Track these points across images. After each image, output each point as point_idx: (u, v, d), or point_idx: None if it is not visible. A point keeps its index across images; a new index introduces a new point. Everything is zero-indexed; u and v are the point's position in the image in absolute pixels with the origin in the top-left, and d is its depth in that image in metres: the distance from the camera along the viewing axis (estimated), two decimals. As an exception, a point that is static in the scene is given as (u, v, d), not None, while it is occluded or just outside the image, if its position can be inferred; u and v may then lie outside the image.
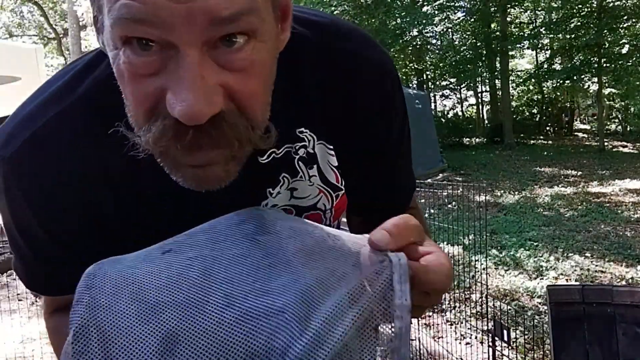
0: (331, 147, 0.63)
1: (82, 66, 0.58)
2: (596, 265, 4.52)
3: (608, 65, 14.27)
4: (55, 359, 0.73)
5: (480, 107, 22.66)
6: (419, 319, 3.32)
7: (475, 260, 4.43)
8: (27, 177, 0.55)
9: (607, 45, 13.99)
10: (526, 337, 3.08)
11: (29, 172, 0.55)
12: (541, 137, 18.38)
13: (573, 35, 14.97)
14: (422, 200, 4.70)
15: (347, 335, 0.40)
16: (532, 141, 17.12)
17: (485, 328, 3.01)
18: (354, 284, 0.43)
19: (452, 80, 20.45)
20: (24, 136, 0.55)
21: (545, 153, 13.64)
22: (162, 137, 0.45)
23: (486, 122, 20.98)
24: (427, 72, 20.71)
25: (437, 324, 3.44)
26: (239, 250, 0.46)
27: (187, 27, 0.41)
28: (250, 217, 0.50)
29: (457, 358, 2.90)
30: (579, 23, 14.30)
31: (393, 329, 0.42)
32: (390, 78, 0.63)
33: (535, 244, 5.19)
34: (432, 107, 18.49)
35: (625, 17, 13.58)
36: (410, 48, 17.18)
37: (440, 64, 19.40)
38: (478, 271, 4.13)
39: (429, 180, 7.66)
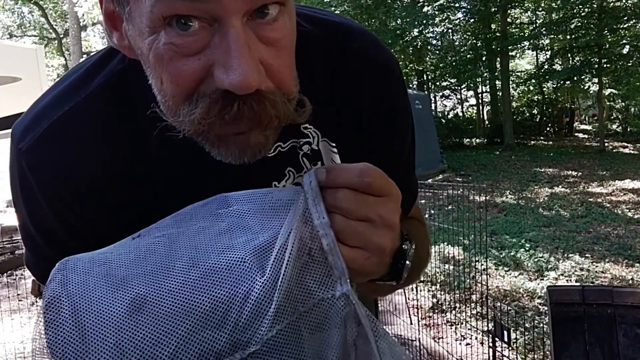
0: (334, 144, 0.64)
1: (95, 61, 0.60)
2: (596, 266, 4.52)
3: (608, 65, 14.26)
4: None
5: (481, 107, 22.66)
6: (419, 319, 3.32)
7: (476, 261, 4.43)
8: (43, 169, 0.57)
9: (607, 45, 13.97)
10: (526, 337, 3.08)
11: (45, 164, 0.56)
12: (541, 138, 18.37)
13: (573, 36, 14.97)
14: (422, 201, 4.70)
15: (290, 268, 0.43)
16: (532, 142, 17.12)
17: (485, 329, 3.01)
18: (284, 219, 0.46)
19: (453, 80, 20.44)
20: (39, 129, 0.56)
21: (546, 154, 13.64)
22: (209, 113, 0.46)
23: (486, 122, 20.98)
24: (428, 73, 20.70)
25: (438, 325, 3.44)
26: (202, 224, 0.48)
27: None
28: (214, 199, 0.52)
29: (457, 359, 2.90)
30: (579, 23, 14.29)
31: (323, 248, 0.45)
32: (396, 79, 0.64)
33: (535, 244, 5.19)
34: (433, 107, 18.50)
35: (626, 18, 13.56)
36: (410, 48, 17.17)
37: (441, 65, 19.39)
38: (478, 272, 4.13)
39: (429, 180, 7.67)
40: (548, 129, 19.77)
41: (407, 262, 0.55)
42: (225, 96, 0.45)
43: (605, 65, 14.11)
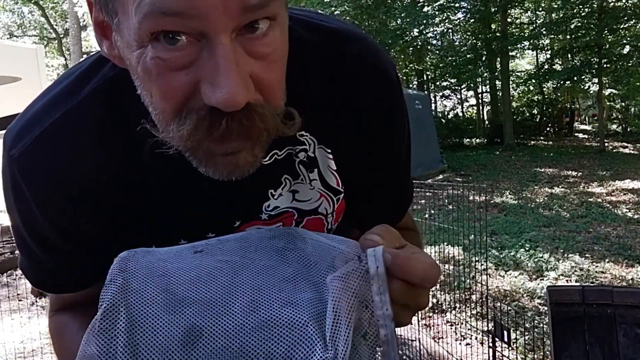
0: (330, 151, 0.63)
1: (88, 66, 0.59)
2: (596, 266, 4.52)
3: (608, 65, 14.27)
4: (55, 358, 0.73)
5: (481, 107, 22.66)
6: (419, 319, 3.32)
7: (476, 261, 4.42)
8: (35, 175, 0.56)
9: (607, 45, 13.97)
10: (526, 337, 3.08)
11: (37, 170, 0.56)
12: (541, 138, 18.37)
13: (573, 36, 14.97)
14: (422, 201, 4.70)
15: (349, 347, 0.41)
16: (532, 142, 17.12)
17: (485, 329, 3.01)
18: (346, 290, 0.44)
19: (453, 80, 20.45)
20: (31, 135, 0.56)
21: (546, 154, 13.64)
22: (197, 129, 0.45)
23: (486, 122, 20.98)
24: (428, 73, 20.71)
25: (438, 325, 3.44)
26: (267, 262, 0.47)
27: (221, 16, 0.41)
28: (282, 234, 0.51)
29: (457, 359, 2.90)
30: (579, 23, 14.29)
31: (380, 336, 0.44)
32: (393, 85, 0.63)
33: (535, 244, 5.19)
34: (433, 107, 18.48)
35: (626, 18, 13.57)
36: (410, 48, 17.18)
37: (441, 65, 19.40)
38: (478, 272, 4.13)
39: (429, 180, 7.66)
40: (548, 129, 19.77)
41: None
42: (213, 112, 0.44)
43: (605, 65, 14.11)
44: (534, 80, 18.46)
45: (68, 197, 0.57)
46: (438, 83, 21.57)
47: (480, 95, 22.40)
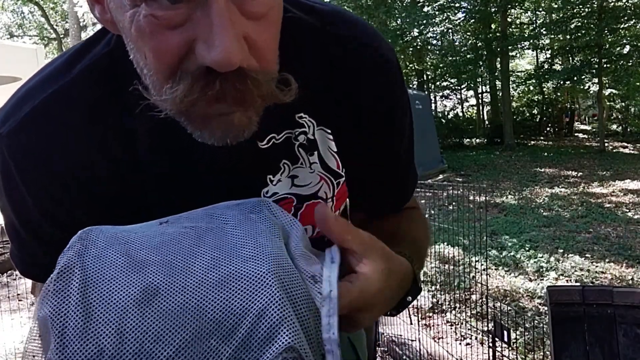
0: (329, 131, 0.62)
1: (80, 46, 0.58)
2: (596, 266, 4.52)
3: (608, 65, 14.26)
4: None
5: (481, 107, 22.66)
6: (419, 319, 3.32)
7: (476, 261, 4.42)
8: (24, 154, 0.55)
9: (607, 45, 13.98)
10: (526, 337, 3.08)
11: (26, 149, 0.55)
12: (541, 138, 18.37)
13: (573, 36, 14.96)
14: (422, 201, 4.69)
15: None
16: (532, 142, 17.12)
17: (485, 329, 3.01)
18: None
19: (453, 80, 20.45)
20: (21, 114, 0.54)
21: (546, 154, 13.63)
22: (191, 91, 0.45)
23: (486, 122, 20.97)
24: (428, 73, 20.70)
25: (437, 325, 3.44)
26: (231, 223, 0.47)
27: None
28: (249, 202, 0.52)
29: (457, 359, 2.90)
30: (579, 23, 14.29)
31: (324, 354, 0.44)
32: (392, 67, 0.63)
33: (535, 244, 5.19)
34: (433, 107, 18.48)
35: (626, 18, 13.57)
36: (410, 49, 17.17)
37: (441, 65, 19.39)
38: (478, 272, 4.12)
39: (429, 180, 7.66)
40: (548, 129, 19.76)
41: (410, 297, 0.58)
42: (207, 73, 0.44)
43: (605, 65, 14.11)
44: (534, 80, 18.46)
45: (58, 177, 0.56)
46: (438, 83, 21.56)
47: (480, 95, 22.40)
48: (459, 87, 21.89)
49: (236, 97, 0.46)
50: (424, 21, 14.56)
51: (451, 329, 3.38)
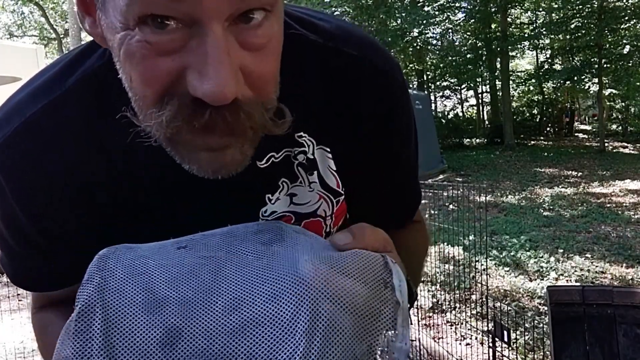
0: (329, 150, 0.61)
1: (73, 56, 0.56)
2: (596, 266, 4.52)
3: (608, 65, 14.27)
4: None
5: (481, 107, 22.67)
6: (419, 319, 3.32)
7: (476, 261, 4.42)
8: (13, 167, 0.53)
9: (607, 45, 13.98)
10: (526, 338, 3.08)
11: (16, 162, 0.53)
12: (541, 138, 18.37)
13: (573, 36, 14.97)
14: (423, 201, 4.68)
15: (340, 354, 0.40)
16: (532, 142, 17.12)
17: (485, 329, 3.01)
18: (361, 307, 0.42)
19: (453, 80, 20.46)
20: (11, 126, 0.53)
21: (546, 154, 13.63)
22: (176, 117, 0.43)
23: (486, 122, 20.99)
24: (428, 73, 20.71)
25: (438, 325, 3.44)
26: (252, 255, 0.45)
27: (215, 1, 0.39)
28: (270, 228, 0.49)
29: (457, 359, 2.90)
30: (579, 23, 14.30)
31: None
32: (396, 85, 0.61)
33: (535, 244, 5.19)
34: (433, 107, 18.49)
35: (626, 18, 13.57)
36: (410, 49, 17.17)
37: (441, 65, 19.40)
38: (478, 272, 4.12)
39: (430, 181, 7.65)
40: (548, 129, 19.77)
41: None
42: (196, 102, 0.42)
43: (605, 65, 14.11)
44: (534, 80, 18.47)
45: (49, 191, 0.54)
46: (438, 83, 21.57)
47: (480, 95, 22.41)
48: (459, 87, 21.91)
49: (226, 129, 0.44)
50: (424, 21, 14.57)
51: (451, 329, 3.38)
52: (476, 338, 3.21)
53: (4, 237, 0.60)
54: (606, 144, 14.58)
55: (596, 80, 14.37)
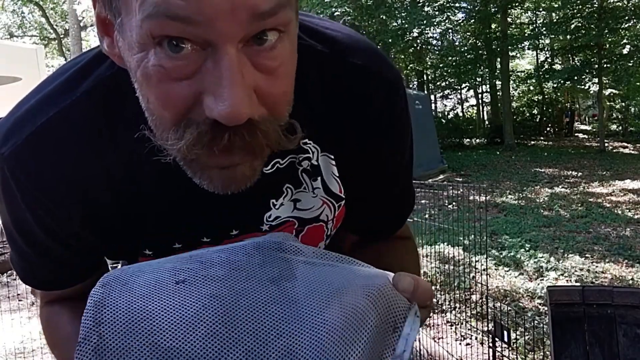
0: (332, 156, 0.62)
1: (84, 64, 0.57)
2: (596, 266, 4.52)
3: (609, 65, 14.27)
4: (54, 357, 0.73)
5: (481, 107, 22.68)
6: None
7: (476, 261, 4.42)
8: (25, 175, 0.55)
9: (607, 45, 13.99)
10: (526, 338, 3.08)
11: (27, 170, 0.55)
12: (541, 138, 18.38)
13: (574, 36, 14.97)
14: (423, 201, 4.70)
15: None
16: (532, 142, 17.12)
17: (485, 329, 3.01)
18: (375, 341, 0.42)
19: (453, 80, 20.46)
20: (23, 134, 0.54)
21: (546, 154, 13.64)
22: (197, 143, 0.44)
23: (486, 122, 20.99)
24: (428, 73, 20.72)
25: (437, 325, 3.44)
26: (261, 297, 0.42)
27: (228, 23, 0.39)
28: (274, 260, 0.46)
29: (457, 359, 2.90)
30: (579, 24, 14.29)
31: None
32: (398, 95, 0.62)
33: (535, 244, 5.19)
34: (433, 107, 18.49)
35: (626, 18, 13.57)
36: (410, 49, 17.18)
37: (441, 65, 19.41)
38: (478, 272, 4.12)
39: (429, 181, 7.66)
40: (548, 129, 19.78)
41: None
42: (215, 126, 0.42)
43: (605, 65, 14.12)
44: (534, 80, 18.47)
45: (58, 200, 0.56)
46: (438, 83, 21.58)
47: (480, 95, 22.42)
48: (459, 87, 21.91)
49: (245, 149, 0.45)
50: (424, 21, 14.57)
51: (451, 329, 3.38)
52: (476, 338, 3.21)
53: (14, 239, 0.61)
54: (606, 144, 14.58)
55: (596, 80, 14.37)
